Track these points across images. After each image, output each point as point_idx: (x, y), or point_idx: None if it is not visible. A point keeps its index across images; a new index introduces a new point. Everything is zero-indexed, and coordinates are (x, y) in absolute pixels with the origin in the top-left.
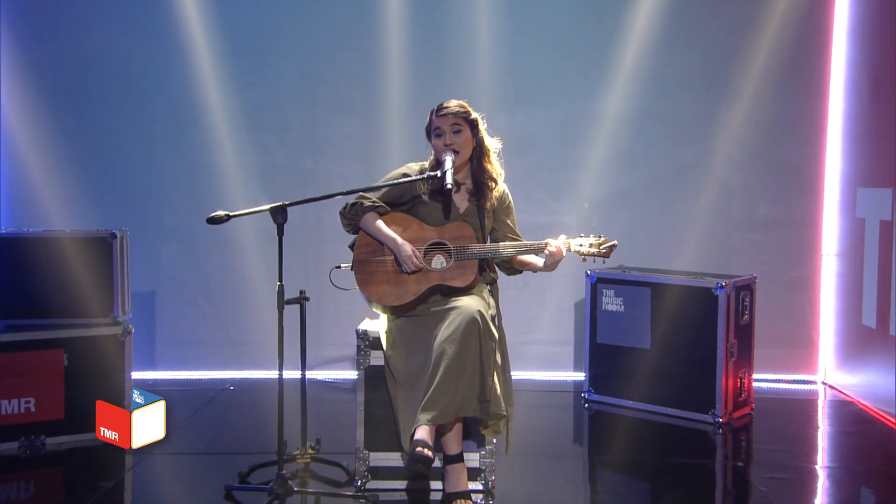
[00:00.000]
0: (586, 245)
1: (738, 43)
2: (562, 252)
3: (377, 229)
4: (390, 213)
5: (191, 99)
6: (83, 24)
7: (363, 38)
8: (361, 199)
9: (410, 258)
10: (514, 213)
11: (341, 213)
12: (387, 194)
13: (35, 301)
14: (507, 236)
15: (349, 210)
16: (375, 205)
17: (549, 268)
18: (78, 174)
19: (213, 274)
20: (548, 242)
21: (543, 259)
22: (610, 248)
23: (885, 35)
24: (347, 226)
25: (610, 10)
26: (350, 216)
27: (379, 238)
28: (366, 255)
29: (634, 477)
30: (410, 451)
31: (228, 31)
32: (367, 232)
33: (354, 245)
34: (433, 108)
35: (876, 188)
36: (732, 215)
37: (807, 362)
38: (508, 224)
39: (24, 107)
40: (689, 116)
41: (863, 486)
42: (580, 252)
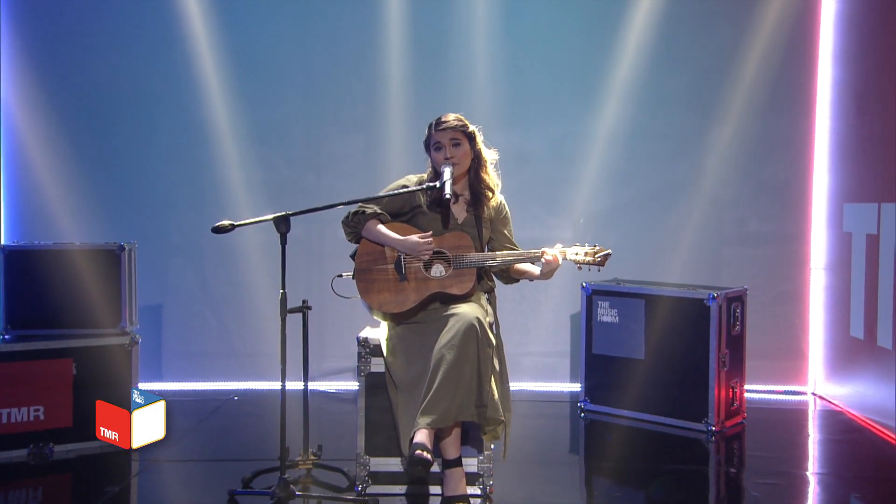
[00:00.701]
0: (581, 254)
1: (727, 64)
2: (557, 260)
3: (380, 233)
4: (391, 223)
5: (199, 117)
6: (96, 43)
7: (365, 59)
8: (363, 208)
9: (421, 245)
10: (510, 223)
11: (344, 223)
12: (387, 205)
13: (45, 312)
14: (505, 245)
15: (351, 218)
16: (377, 212)
17: (545, 276)
18: (88, 188)
19: (219, 287)
20: (544, 251)
21: (540, 267)
22: (604, 256)
23: (869, 57)
24: (350, 234)
25: (603, 32)
26: (353, 224)
27: (383, 241)
28: (367, 263)
29: (629, 483)
30: (410, 454)
31: (236, 54)
32: (370, 238)
33: (356, 254)
34: (431, 123)
35: (862, 203)
36: (723, 230)
37: (797, 373)
38: (505, 234)
39: (36, 123)
40: (680, 135)
41: (852, 492)
42: (575, 260)
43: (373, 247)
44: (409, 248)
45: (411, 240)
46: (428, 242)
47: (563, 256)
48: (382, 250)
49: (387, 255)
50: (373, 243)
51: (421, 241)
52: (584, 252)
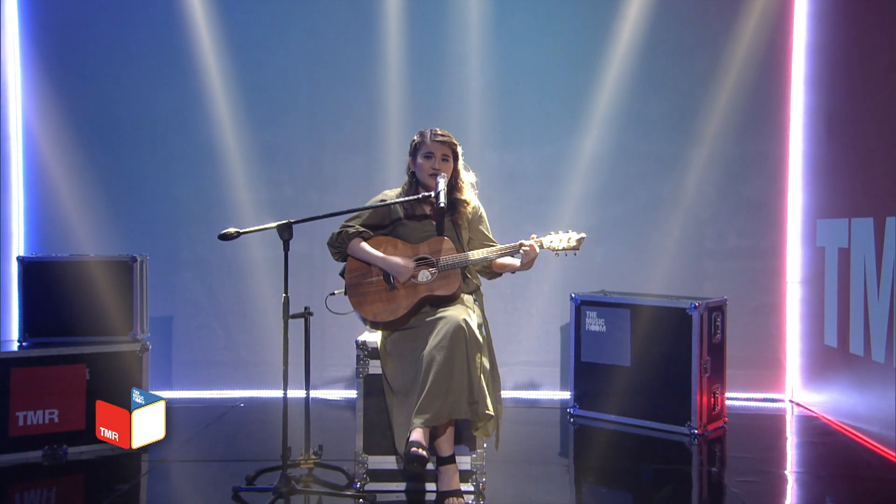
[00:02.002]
0: (556, 241)
1: (706, 90)
2: (535, 249)
3: (364, 252)
4: (374, 237)
5: (208, 138)
6: (113, 68)
7: (364, 85)
8: (345, 228)
9: (405, 267)
10: (486, 221)
11: (329, 244)
12: (369, 220)
13: (60, 320)
14: (484, 243)
15: (336, 239)
16: (360, 231)
17: (526, 266)
18: (103, 204)
19: (226, 300)
20: (521, 242)
21: (520, 259)
22: (579, 240)
23: (838, 83)
24: (336, 254)
25: (591, 59)
26: (338, 245)
27: (367, 260)
28: (356, 278)
29: (617, 481)
30: (406, 452)
31: (244, 79)
32: (356, 257)
33: (345, 272)
34: (424, 131)
35: (834, 219)
36: (704, 245)
37: (775, 381)
38: (482, 231)
39: (56, 142)
40: (663, 155)
41: (827, 489)
42: (552, 247)
43: (359, 263)
44: (390, 268)
45: (394, 261)
46: (407, 268)
47: (540, 245)
48: (369, 264)
49: (373, 269)
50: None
51: (405, 266)
52: (559, 239)
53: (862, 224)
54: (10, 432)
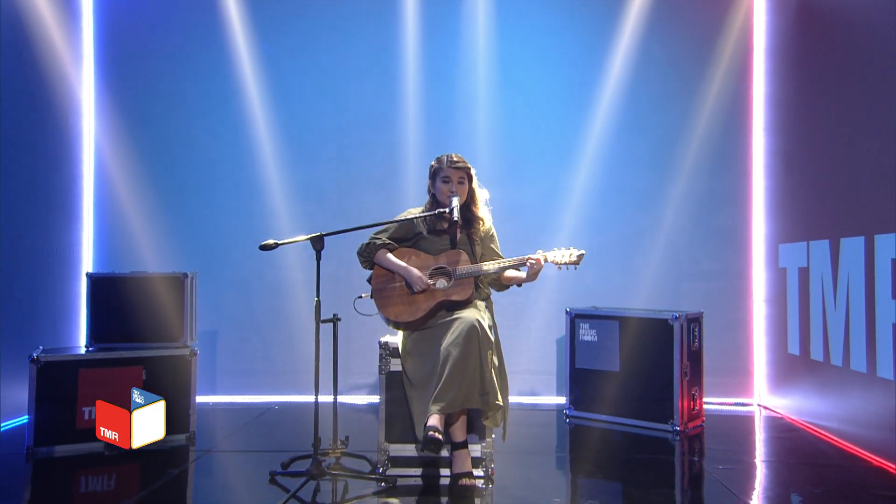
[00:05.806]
0: (559, 256)
1: (680, 133)
2: (541, 263)
3: (389, 261)
4: (398, 249)
5: (252, 176)
6: (174, 111)
7: (385, 131)
8: (374, 240)
9: (420, 279)
10: (497, 240)
11: (359, 253)
12: (395, 233)
13: (121, 328)
14: (494, 259)
15: (365, 249)
16: (386, 243)
17: (531, 278)
18: (161, 229)
19: (263, 316)
20: (528, 256)
21: (526, 271)
22: (580, 256)
23: (794, 127)
24: (364, 262)
25: (580, 106)
26: (366, 254)
27: (391, 268)
28: (382, 283)
29: (607, 469)
30: (423, 435)
31: (283, 125)
32: (381, 265)
33: (371, 278)
34: (442, 157)
35: (794, 242)
36: (681, 268)
37: (744, 388)
38: (493, 249)
39: (123, 174)
40: (643, 190)
41: (793, 474)
42: (556, 261)
43: (384, 270)
44: (409, 277)
45: (413, 272)
46: (422, 279)
47: (545, 259)
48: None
49: (396, 276)
50: (384, 268)
51: (421, 277)
52: (562, 254)
53: (819, 246)
54: (76, 425)
